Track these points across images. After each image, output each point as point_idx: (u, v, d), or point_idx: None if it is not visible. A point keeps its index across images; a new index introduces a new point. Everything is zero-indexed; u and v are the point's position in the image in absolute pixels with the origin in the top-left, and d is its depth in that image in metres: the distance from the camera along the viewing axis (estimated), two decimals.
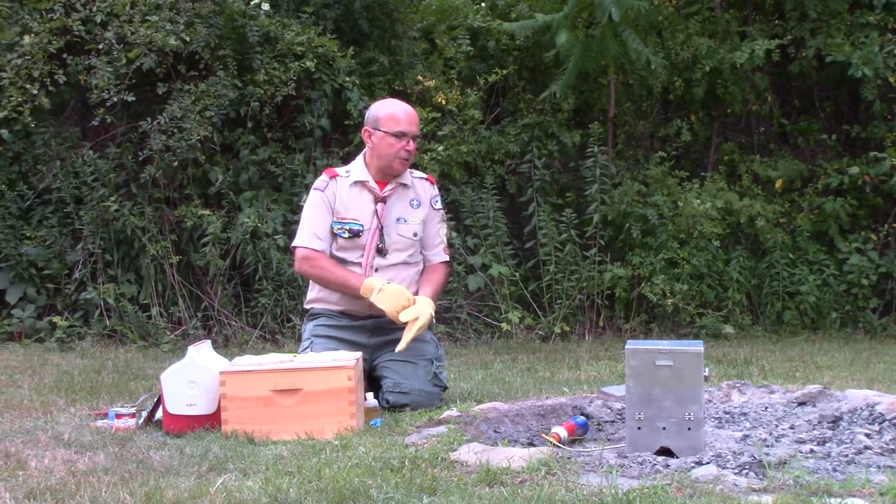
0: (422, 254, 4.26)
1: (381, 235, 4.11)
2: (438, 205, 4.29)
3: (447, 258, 4.32)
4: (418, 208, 4.21)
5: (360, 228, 4.10)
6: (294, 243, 4.21)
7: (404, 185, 4.20)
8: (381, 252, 4.10)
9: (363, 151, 4.23)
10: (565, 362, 5.71)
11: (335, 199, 4.13)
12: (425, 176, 4.35)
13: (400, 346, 3.94)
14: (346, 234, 4.10)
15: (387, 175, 4.16)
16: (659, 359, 3.00)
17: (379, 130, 4.12)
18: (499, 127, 7.80)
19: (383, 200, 4.15)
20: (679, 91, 8.07)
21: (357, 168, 4.19)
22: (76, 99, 6.94)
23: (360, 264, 4.09)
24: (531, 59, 8.03)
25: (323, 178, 4.22)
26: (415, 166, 4.42)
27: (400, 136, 4.10)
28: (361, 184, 4.15)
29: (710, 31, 8.06)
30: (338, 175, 4.19)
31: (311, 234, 4.12)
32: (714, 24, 8.13)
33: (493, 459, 2.84)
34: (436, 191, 4.32)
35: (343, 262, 4.10)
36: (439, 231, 4.29)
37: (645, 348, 3.04)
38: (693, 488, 2.54)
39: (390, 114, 4.16)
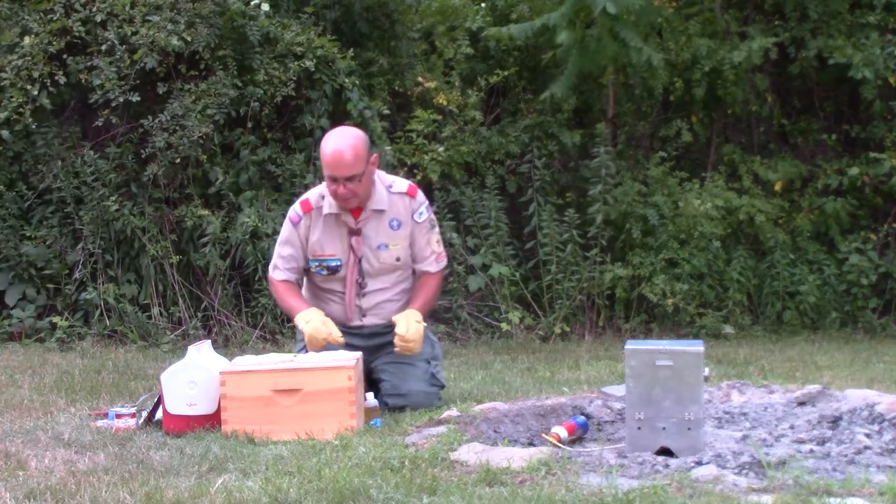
0: (413, 267, 4.11)
1: (360, 268, 3.98)
2: (422, 217, 4.03)
3: (440, 266, 4.12)
4: (399, 229, 4.00)
5: (339, 264, 3.98)
6: (269, 268, 4.19)
7: (378, 211, 3.97)
8: (360, 286, 4.00)
9: None
10: (565, 362, 5.71)
11: (308, 234, 3.98)
12: (404, 189, 4.04)
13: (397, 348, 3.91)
14: (325, 272, 4.00)
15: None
16: (659, 359, 2.99)
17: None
18: (499, 127, 7.81)
19: (357, 232, 3.96)
20: (679, 92, 8.07)
21: (329, 197, 3.97)
22: (77, 99, 6.94)
23: (344, 294, 4.01)
24: (531, 59, 8.04)
25: (297, 210, 4.02)
26: (408, 171, 4.22)
27: (330, 179, 3.86)
28: (335, 216, 3.96)
29: (709, 31, 8.06)
30: (312, 208, 3.99)
31: (274, 262, 4.11)
32: (714, 25, 8.14)
33: (493, 459, 2.84)
34: (417, 202, 4.03)
35: (330, 292, 4.04)
36: (429, 242, 4.06)
37: (645, 348, 3.04)
38: (693, 488, 2.54)
39: (322, 155, 3.91)
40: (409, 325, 3.88)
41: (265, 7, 6.89)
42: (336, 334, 3.84)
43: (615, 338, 7.06)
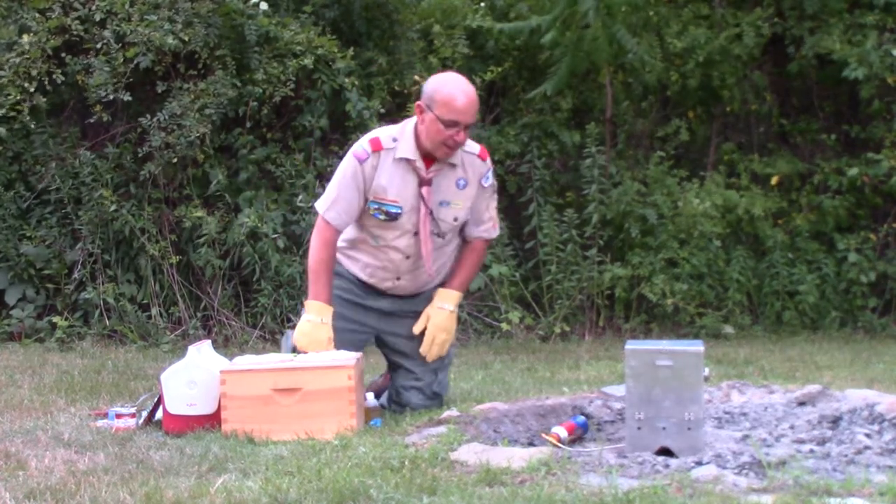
0: (462, 231, 3.93)
1: (433, 219, 3.78)
2: (489, 182, 3.88)
3: (495, 234, 4.00)
4: (464, 189, 3.82)
5: (399, 212, 3.76)
6: (318, 203, 3.86)
7: (451, 165, 3.79)
8: (439, 236, 3.80)
9: (416, 120, 3.79)
10: (565, 362, 5.71)
11: (374, 175, 3.74)
12: (477, 151, 3.86)
13: (416, 328, 3.85)
14: (383, 217, 3.77)
15: (432, 155, 3.77)
16: (659, 359, 2.99)
17: (431, 111, 3.67)
18: (498, 127, 7.80)
19: (429, 183, 3.75)
20: (676, 87, 8.08)
21: (406, 141, 3.76)
22: (75, 99, 6.94)
23: (396, 248, 3.80)
24: (531, 59, 8.04)
25: (365, 147, 3.77)
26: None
27: (451, 124, 3.65)
28: (407, 161, 3.75)
29: (706, 24, 8.08)
30: (383, 148, 3.76)
31: (333, 204, 3.78)
32: (710, 20, 8.15)
33: (493, 459, 2.84)
34: (487, 166, 3.87)
35: (380, 239, 3.83)
36: (489, 207, 3.92)
37: (645, 348, 3.04)
38: (693, 488, 2.54)
39: (448, 97, 3.66)
40: (437, 338, 3.85)
41: (264, 6, 6.88)
42: (329, 347, 3.74)
43: (615, 338, 7.06)
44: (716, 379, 4.48)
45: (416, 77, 7.42)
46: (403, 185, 3.76)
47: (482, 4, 8.07)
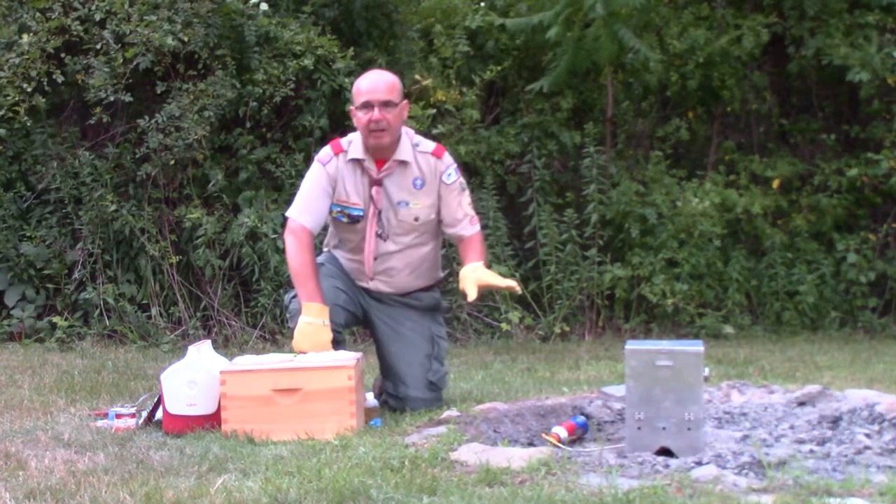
0: (447, 231, 3.96)
1: (380, 220, 3.85)
2: (451, 179, 3.89)
3: (475, 230, 3.94)
4: (422, 188, 3.87)
5: (361, 214, 3.85)
6: (288, 212, 3.91)
7: (403, 163, 3.85)
8: (381, 237, 3.87)
9: None
10: (565, 362, 5.71)
11: (336, 177, 3.85)
12: (430, 149, 3.91)
13: (471, 297, 3.75)
14: (346, 220, 3.87)
15: (378, 150, 3.83)
16: (659, 359, 2.99)
17: (354, 106, 3.85)
18: (498, 127, 7.81)
19: (378, 183, 3.83)
20: (676, 87, 8.08)
21: (356, 142, 3.87)
22: (75, 99, 6.94)
23: (363, 249, 3.88)
24: (531, 59, 8.04)
25: (327, 151, 3.91)
26: (430, 137, 4.00)
27: (364, 107, 3.77)
28: (358, 163, 3.85)
29: (706, 25, 8.09)
30: (342, 150, 3.87)
31: (303, 207, 3.85)
32: (710, 20, 8.15)
33: (493, 459, 2.84)
34: (444, 163, 3.90)
35: (348, 242, 3.92)
36: (460, 204, 3.91)
37: (645, 348, 3.04)
38: (693, 488, 2.54)
39: (355, 86, 3.87)
40: (491, 277, 3.77)
41: (264, 6, 6.88)
42: (327, 348, 3.74)
43: (615, 338, 7.06)
44: (716, 379, 4.48)
45: (417, 77, 7.43)
46: (360, 186, 3.86)
47: (482, 4, 8.06)
